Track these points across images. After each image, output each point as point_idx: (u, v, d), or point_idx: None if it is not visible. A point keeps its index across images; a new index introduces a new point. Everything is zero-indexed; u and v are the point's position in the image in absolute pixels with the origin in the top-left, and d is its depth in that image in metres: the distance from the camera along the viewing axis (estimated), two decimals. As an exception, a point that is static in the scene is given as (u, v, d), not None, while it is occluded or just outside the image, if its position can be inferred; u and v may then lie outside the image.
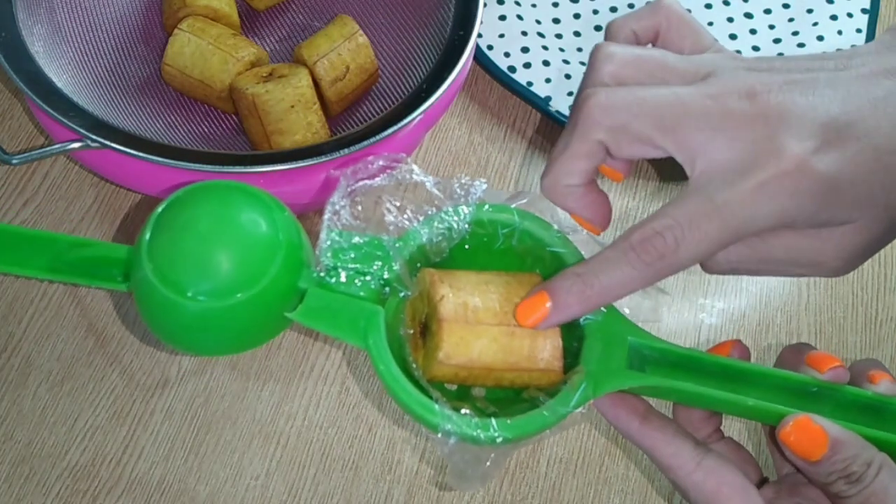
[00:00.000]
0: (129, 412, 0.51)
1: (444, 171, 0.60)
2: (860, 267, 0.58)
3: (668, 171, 0.61)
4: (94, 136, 0.47)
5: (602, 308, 0.35)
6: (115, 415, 0.50)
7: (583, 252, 0.36)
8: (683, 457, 0.33)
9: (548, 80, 0.61)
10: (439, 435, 0.32)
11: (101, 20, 0.57)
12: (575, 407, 0.33)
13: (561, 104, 0.60)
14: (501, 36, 0.62)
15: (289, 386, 0.52)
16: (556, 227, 0.37)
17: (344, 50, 0.54)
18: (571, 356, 0.35)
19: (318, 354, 0.53)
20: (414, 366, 0.35)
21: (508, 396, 0.36)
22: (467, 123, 0.62)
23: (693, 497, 0.33)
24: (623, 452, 0.52)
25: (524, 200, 0.37)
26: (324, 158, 0.47)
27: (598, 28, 0.65)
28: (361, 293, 0.35)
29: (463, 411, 0.33)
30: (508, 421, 0.33)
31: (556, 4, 0.65)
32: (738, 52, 0.64)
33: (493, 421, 0.32)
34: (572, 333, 0.35)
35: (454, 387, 0.36)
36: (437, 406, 0.33)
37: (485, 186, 0.37)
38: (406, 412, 0.33)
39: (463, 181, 0.37)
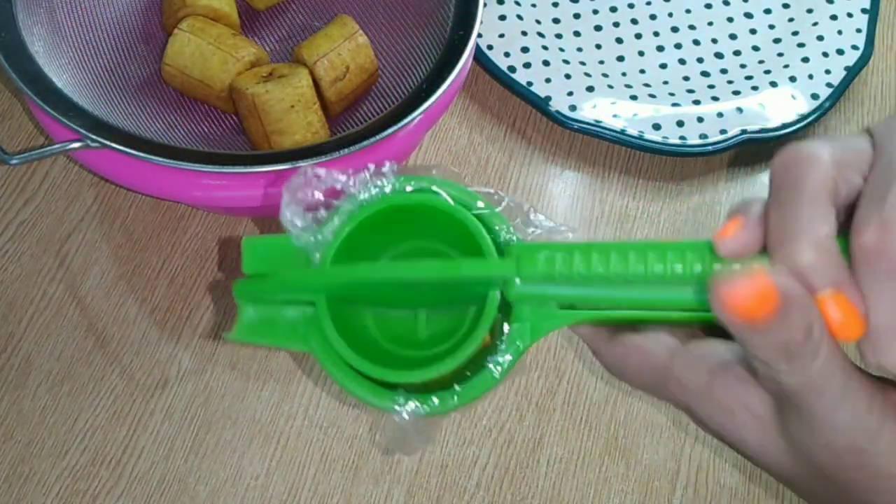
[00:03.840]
0: (129, 412, 0.51)
1: (444, 170, 0.60)
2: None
3: (668, 170, 0.61)
4: (93, 136, 0.46)
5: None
6: (114, 415, 0.50)
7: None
8: (600, 332, 0.34)
9: (548, 80, 0.61)
10: (398, 414, 0.33)
11: (101, 20, 0.57)
12: (517, 355, 0.33)
13: (561, 104, 0.60)
14: (501, 36, 0.62)
15: (289, 386, 0.52)
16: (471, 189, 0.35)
17: (344, 50, 0.54)
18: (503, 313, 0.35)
19: (318, 354, 0.53)
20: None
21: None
22: (467, 123, 0.62)
23: (607, 366, 0.34)
24: (623, 452, 0.52)
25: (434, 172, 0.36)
26: (324, 158, 0.47)
27: (597, 28, 0.65)
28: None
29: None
30: (457, 388, 0.33)
31: (556, 4, 0.65)
32: (738, 52, 0.64)
33: (435, 396, 0.33)
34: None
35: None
36: (396, 396, 0.33)
37: (396, 167, 0.35)
38: (365, 404, 0.34)
39: (372, 168, 0.35)
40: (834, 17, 0.65)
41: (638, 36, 0.65)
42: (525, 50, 0.62)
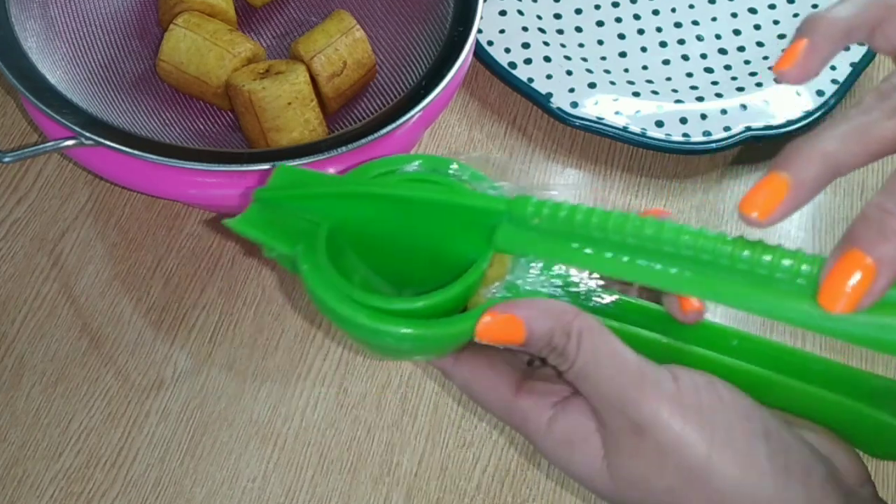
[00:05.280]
0: (124, 414, 0.50)
1: (444, 168, 0.59)
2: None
3: (672, 168, 0.61)
4: (87, 134, 0.46)
5: None
6: (109, 416, 0.50)
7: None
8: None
9: (549, 77, 0.60)
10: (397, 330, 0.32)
11: (95, 15, 0.56)
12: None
13: (562, 101, 0.59)
14: (502, 31, 0.62)
15: (286, 387, 0.51)
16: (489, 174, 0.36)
17: (341, 45, 0.53)
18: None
19: (316, 355, 0.52)
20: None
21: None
22: (467, 120, 0.61)
23: (458, 387, 0.34)
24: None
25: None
26: (321, 156, 0.47)
27: (599, 24, 0.64)
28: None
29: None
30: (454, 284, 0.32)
31: (557, 0, 0.65)
32: (742, 48, 0.64)
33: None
34: None
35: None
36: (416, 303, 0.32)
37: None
38: (351, 331, 0.33)
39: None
40: (839, 13, 0.64)
41: (640, 32, 0.64)
42: (526, 46, 0.61)
